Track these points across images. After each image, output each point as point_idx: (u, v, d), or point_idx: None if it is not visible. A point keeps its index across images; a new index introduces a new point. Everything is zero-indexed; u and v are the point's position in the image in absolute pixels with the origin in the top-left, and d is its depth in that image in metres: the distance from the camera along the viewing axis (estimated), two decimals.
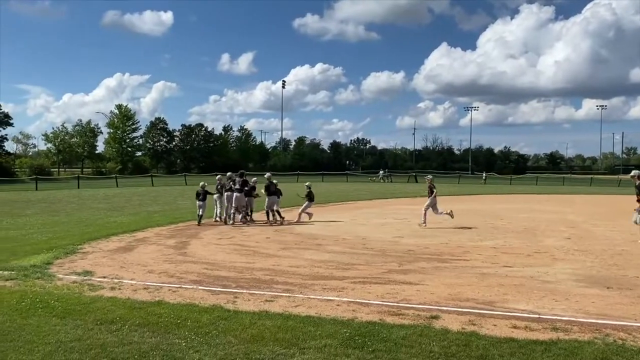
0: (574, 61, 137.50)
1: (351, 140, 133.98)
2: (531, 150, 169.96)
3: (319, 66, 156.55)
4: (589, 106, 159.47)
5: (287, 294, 7.41)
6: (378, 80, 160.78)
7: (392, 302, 6.99)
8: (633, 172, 13.60)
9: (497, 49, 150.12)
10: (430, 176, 17.33)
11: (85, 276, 8.52)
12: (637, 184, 13.07)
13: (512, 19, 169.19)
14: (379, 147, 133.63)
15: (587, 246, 12.15)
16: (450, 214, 16.06)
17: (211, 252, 11.16)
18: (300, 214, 17.36)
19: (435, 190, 16.25)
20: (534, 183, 56.95)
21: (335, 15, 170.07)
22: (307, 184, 18.70)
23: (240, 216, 16.52)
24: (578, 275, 8.87)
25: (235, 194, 16.32)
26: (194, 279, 8.39)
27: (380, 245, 12.00)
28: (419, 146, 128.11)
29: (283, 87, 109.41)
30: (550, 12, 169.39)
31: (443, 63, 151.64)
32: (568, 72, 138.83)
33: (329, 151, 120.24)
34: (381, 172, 62.83)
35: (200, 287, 7.80)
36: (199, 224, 15.96)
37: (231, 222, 16.27)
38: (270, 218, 16.58)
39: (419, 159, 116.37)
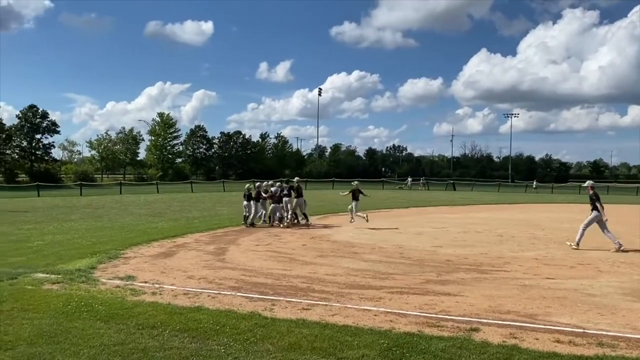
0: (619, 66, 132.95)
1: (387, 147, 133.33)
2: (573, 158, 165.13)
3: (356, 73, 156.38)
4: (635, 113, 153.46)
5: (324, 303, 7.41)
6: (415, 86, 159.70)
7: (430, 313, 6.90)
8: (587, 183, 13.96)
9: (539, 55, 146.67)
10: (355, 182, 19.63)
11: (127, 281, 8.74)
12: (590, 194, 13.29)
13: (554, 23, 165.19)
14: (416, 154, 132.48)
15: (633, 258, 11.71)
16: (365, 218, 17.92)
17: (249, 258, 11.27)
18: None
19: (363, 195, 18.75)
20: (577, 192, 55.23)
21: (372, 23, 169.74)
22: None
23: (288, 219, 17.98)
24: (625, 289, 8.55)
25: (285, 198, 18.07)
26: (232, 286, 8.49)
27: (417, 255, 11.87)
28: (457, 153, 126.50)
29: (319, 94, 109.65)
30: (594, 17, 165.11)
31: (482, 69, 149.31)
32: (613, 77, 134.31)
33: (364, 158, 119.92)
34: (409, 179, 62.23)
35: (238, 294, 7.89)
36: (247, 225, 17.53)
37: (285, 223, 17.78)
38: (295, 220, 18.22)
39: (457, 167, 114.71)
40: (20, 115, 70.04)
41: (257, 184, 19.06)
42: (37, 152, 70.31)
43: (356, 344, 5.57)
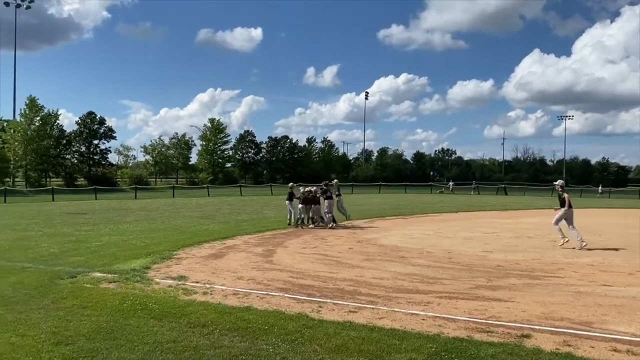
0: None
1: (436, 151, 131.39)
2: (632, 161, 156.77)
3: (404, 76, 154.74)
4: None
5: (371, 306, 7.39)
6: (465, 89, 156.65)
7: (480, 319, 6.77)
8: (558, 182, 15.02)
9: (595, 54, 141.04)
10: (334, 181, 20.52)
11: (179, 281, 9.01)
12: (560, 193, 14.31)
13: (612, 22, 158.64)
14: (465, 158, 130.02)
15: None
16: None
17: (296, 260, 11.39)
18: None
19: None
20: (637, 197, 52.65)
21: (420, 25, 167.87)
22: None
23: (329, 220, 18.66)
24: None
25: (328, 200, 18.94)
26: (280, 287, 8.60)
27: (467, 260, 11.66)
28: (508, 157, 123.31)
29: (366, 98, 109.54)
30: None
31: (535, 70, 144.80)
32: None
33: (412, 162, 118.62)
34: (451, 183, 61.00)
35: (286, 295, 7.99)
36: (295, 226, 18.42)
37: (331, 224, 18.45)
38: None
39: (509, 170, 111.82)
40: (80, 121, 73.39)
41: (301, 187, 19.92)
42: (95, 157, 73.39)
43: (404, 348, 5.54)
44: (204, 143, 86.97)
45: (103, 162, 74.37)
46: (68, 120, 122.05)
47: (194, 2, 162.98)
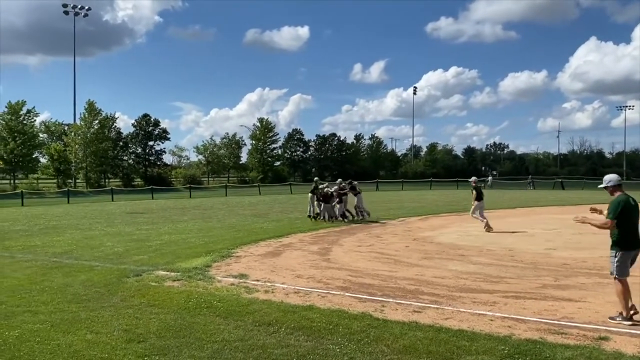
0: None
1: (487, 145, 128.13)
2: None
3: (453, 70, 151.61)
4: None
5: (435, 306, 7.24)
6: (517, 80, 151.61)
7: (552, 320, 6.50)
8: (472, 178, 18.21)
9: None
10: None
11: (240, 279, 9.13)
12: (474, 186, 17.42)
13: None
14: (518, 152, 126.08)
15: None
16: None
17: (353, 259, 11.33)
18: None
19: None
20: None
21: (470, 17, 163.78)
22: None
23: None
24: None
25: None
26: (340, 285, 8.57)
27: (530, 258, 11.27)
28: (564, 150, 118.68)
29: (414, 93, 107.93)
30: None
31: (592, 59, 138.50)
32: None
33: (462, 157, 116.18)
34: (490, 177, 59.07)
35: (347, 294, 7.95)
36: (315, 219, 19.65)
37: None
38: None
39: (565, 164, 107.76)
40: (135, 123, 75.83)
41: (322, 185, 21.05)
42: (150, 158, 75.69)
43: (474, 350, 5.38)
44: (254, 142, 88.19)
45: (158, 163, 76.58)
46: (124, 123, 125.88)
47: (242, 3, 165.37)
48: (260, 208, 28.23)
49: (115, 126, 71.63)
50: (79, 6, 65.91)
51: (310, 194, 20.41)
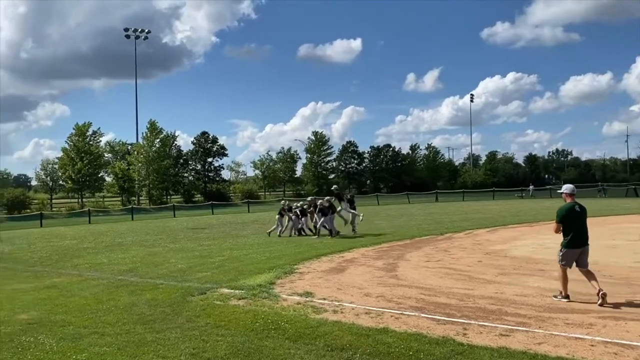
0: None
1: (549, 152, 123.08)
2: None
3: (511, 75, 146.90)
4: None
5: (524, 328, 6.54)
6: (579, 84, 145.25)
7: None
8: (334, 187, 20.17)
9: None
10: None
11: (306, 297, 8.71)
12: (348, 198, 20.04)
13: None
14: (583, 158, 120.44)
15: None
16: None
17: (422, 275, 10.69)
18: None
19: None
20: None
21: (528, 20, 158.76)
22: (531, 187, 16.96)
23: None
24: None
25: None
26: (413, 305, 7.99)
27: (619, 272, 10.27)
28: (633, 155, 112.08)
29: (471, 100, 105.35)
30: None
31: None
32: None
33: (524, 165, 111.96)
34: (531, 186, 55.91)
35: (422, 315, 7.36)
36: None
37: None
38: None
39: (635, 170, 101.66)
40: (195, 141, 78.02)
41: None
42: (210, 174, 77.50)
43: None
44: (309, 156, 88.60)
45: (217, 179, 78.27)
46: (184, 141, 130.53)
47: (295, 19, 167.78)
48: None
49: (176, 144, 74.03)
50: (140, 29, 68.70)
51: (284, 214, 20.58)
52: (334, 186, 22.45)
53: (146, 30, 69.36)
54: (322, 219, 18.77)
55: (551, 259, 12.21)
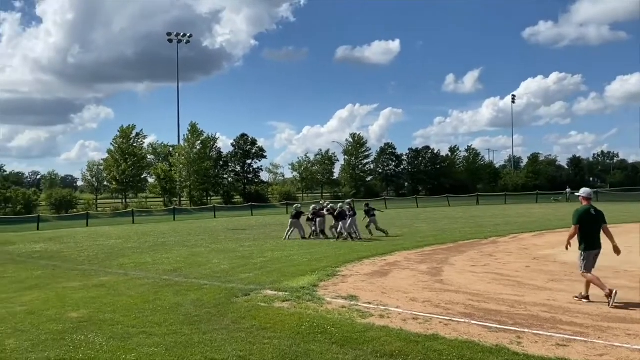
0: None
1: (594, 155, 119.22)
2: None
3: (554, 75, 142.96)
4: None
5: (582, 338, 6.24)
6: (627, 84, 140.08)
7: None
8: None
9: None
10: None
11: (351, 301, 8.59)
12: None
13: None
14: (630, 161, 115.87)
15: None
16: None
17: (469, 280, 10.41)
18: None
19: None
20: None
21: (572, 19, 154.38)
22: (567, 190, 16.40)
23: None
24: None
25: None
26: (462, 312, 7.76)
27: None
28: None
29: (513, 101, 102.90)
30: None
31: None
32: None
33: (567, 167, 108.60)
34: (568, 189, 53.43)
35: (473, 322, 7.13)
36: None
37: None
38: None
39: None
40: (234, 143, 78.91)
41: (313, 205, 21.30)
42: (249, 176, 78.18)
43: None
44: (346, 158, 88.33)
45: (256, 180, 78.89)
46: (223, 143, 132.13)
47: (333, 21, 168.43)
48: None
49: (216, 146, 74.97)
50: (181, 34, 70.02)
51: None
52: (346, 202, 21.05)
53: (188, 35, 70.64)
54: (345, 222, 18.58)
55: (604, 265, 11.72)
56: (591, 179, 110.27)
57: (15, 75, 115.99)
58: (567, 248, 8.46)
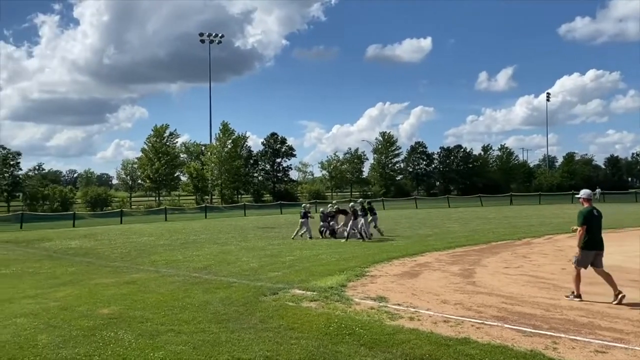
0: None
1: (633, 154, 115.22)
2: None
3: (591, 73, 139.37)
4: None
5: (622, 345, 5.97)
6: None
7: None
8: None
9: None
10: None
11: (380, 302, 8.46)
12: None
13: None
14: None
15: None
16: None
17: (502, 282, 10.14)
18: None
19: None
20: None
21: (610, 15, 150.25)
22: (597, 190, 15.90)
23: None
24: None
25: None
26: (495, 315, 7.54)
27: None
28: None
29: (548, 99, 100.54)
30: None
31: None
32: None
33: (604, 167, 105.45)
34: (598, 189, 51.30)
35: (506, 325, 6.91)
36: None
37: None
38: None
39: None
40: (264, 142, 79.41)
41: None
42: (278, 174, 78.61)
43: None
44: (376, 156, 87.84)
45: (285, 179, 79.25)
46: (254, 142, 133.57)
47: (364, 20, 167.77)
48: (386, 223, 27.40)
49: (247, 145, 75.61)
50: (214, 34, 70.81)
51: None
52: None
53: (220, 35, 71.43)
54: (356, 222, 18.37)
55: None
56: (629, 179, 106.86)
57: (54, 76, 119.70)
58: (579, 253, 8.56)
